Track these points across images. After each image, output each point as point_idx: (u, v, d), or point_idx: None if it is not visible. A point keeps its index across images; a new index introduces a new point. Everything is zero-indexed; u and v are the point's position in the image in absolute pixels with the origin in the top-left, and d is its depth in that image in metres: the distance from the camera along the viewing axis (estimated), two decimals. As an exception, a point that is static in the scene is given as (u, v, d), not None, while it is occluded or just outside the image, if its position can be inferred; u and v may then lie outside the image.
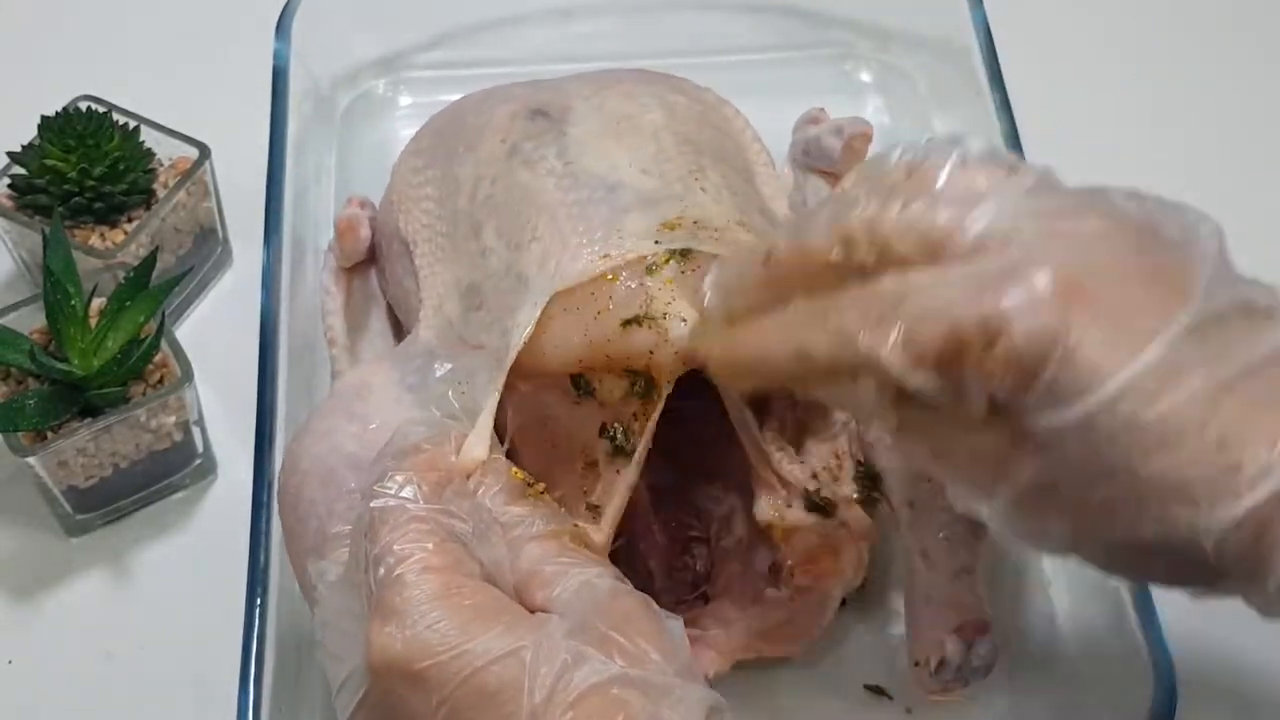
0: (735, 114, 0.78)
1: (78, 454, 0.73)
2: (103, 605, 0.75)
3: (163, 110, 0.83)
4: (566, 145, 0.70)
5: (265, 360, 0.72)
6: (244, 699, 0.62)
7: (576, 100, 0.73)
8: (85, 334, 0.72)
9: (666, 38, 0.91)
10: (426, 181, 0.74)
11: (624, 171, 0.68)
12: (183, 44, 0.98)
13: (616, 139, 0.70)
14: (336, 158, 0.90)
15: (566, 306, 0.62)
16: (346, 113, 0.92)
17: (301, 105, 0.84)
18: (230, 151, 0.84)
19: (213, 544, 0.74)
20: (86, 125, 0.79)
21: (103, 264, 0.77)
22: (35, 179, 0.79)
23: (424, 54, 0.93)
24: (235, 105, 0.92)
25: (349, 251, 0.78)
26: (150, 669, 0.72)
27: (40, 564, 0.76)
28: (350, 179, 0.88)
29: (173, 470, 0.77)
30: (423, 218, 0.73)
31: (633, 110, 0.73)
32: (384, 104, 0.93)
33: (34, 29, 0.99)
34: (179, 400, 0.74)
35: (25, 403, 0.71)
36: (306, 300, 0.78)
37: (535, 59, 0.88)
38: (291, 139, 0.81)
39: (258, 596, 0.65)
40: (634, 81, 0.76)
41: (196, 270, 0.85)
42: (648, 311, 0.61)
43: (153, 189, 0.81)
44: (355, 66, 0.93)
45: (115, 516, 0.77)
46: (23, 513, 0.77)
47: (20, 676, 0.73)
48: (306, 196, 0.82)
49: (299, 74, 0.84)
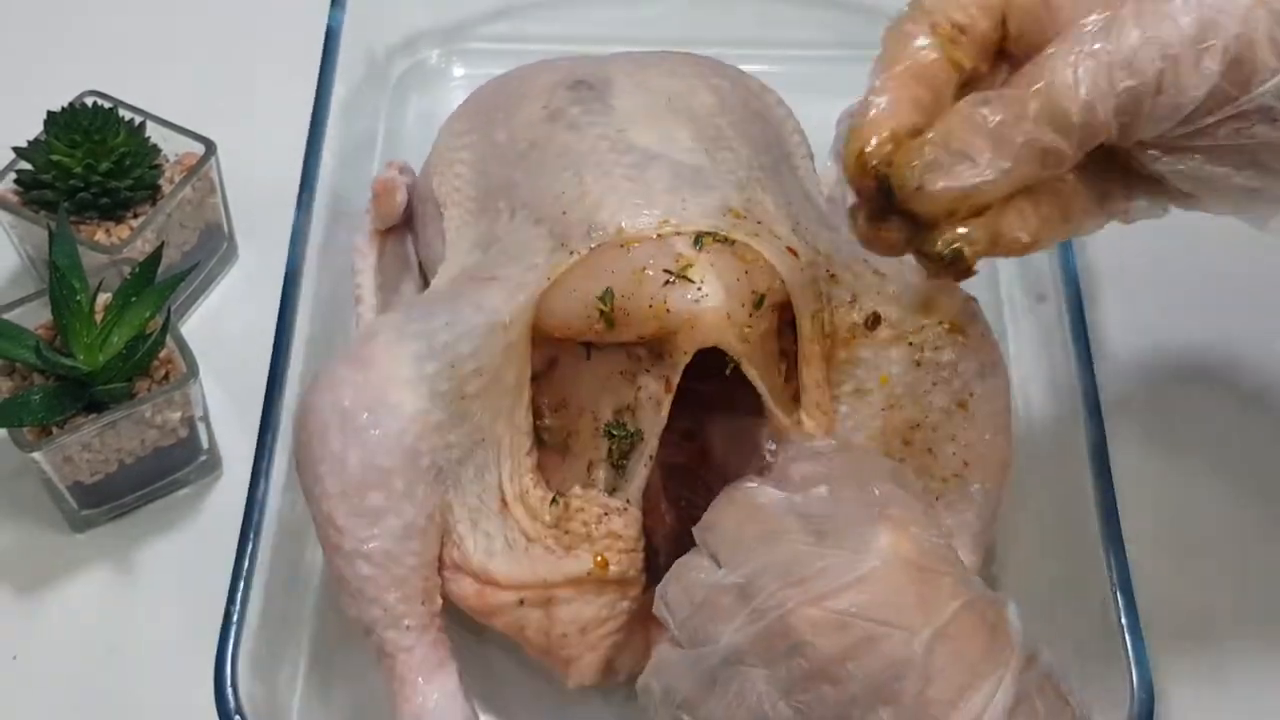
0: (778, 102, 0.79)
1: (83, 449, 0.73)
2: (107, 600, 0.75)
3: (169, 106, 0.83)
4: (615, 114, 0.71)
5: (284, 320, 0.72)
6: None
7: (619, 75, 0.74)
8: (90, 330, 0.72)
9: (728, 26, 0.92)
10: (463, 146, 0.75)
11: (683, 147, 0.69)
12: (189, 40, 0.98)
13: (671, 115, 0.71)
14: (385, 125, 0.90)
15: (602, 263, 0.63)
16: (399, 81, 0.93)
17: (352, 71, 0.85)
18: (236, 147, 0.84)
19: (217, 540, 0.74)
20: (93, 121, 0.79)
21: (108, 259, 0.77)
22: (41, 174, 0.79)
23: (483, 26, 0.94)
24: (242, 101, 0.93)
25: (384, 214, 0.79)
26: (154, 664, 0.73)
27: (45, 559, 0.76)
28: (398, 147, 0.89)
29: (177, 466, 0.77)
30: (454, 181, 0.74)
31: (680, 88, 0.74)
32: (437, 74, 0.94)
33: (41, 25, 0.99)
34: (184, 396, 0.74)
35: (31, 398, 0.71)
36: (336, 264, 0.78)
37: (593, 39, 0.88)
38: (339, 104, 0.81)
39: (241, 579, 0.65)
40: (677, 61, 0.78)
41: (202, 266, 0.85)
42: (685, 277, 0.62)
43: (158, 185, 0.81)
44: (413, 35, 0.93)
45: (120, 512, 0.77)
46: (28, 508, 0.77)
47: (24, 671, 0.73)
48: (350, 160, 0.83)
49: (352, 40, 0.85)
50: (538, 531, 0.64)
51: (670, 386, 0.63)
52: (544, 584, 0.63)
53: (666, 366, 0.63)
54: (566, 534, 0.64)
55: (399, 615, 0.63)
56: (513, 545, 0.64)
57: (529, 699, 0.69)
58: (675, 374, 0.63)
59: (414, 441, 0.63)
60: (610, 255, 0.64)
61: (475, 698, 0.66)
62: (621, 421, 0.64)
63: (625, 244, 0.64)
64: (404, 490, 0.63)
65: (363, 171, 0.84)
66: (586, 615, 0.63)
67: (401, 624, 0.63)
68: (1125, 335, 0.84)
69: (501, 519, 0.65)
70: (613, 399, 0.65)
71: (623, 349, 0.64)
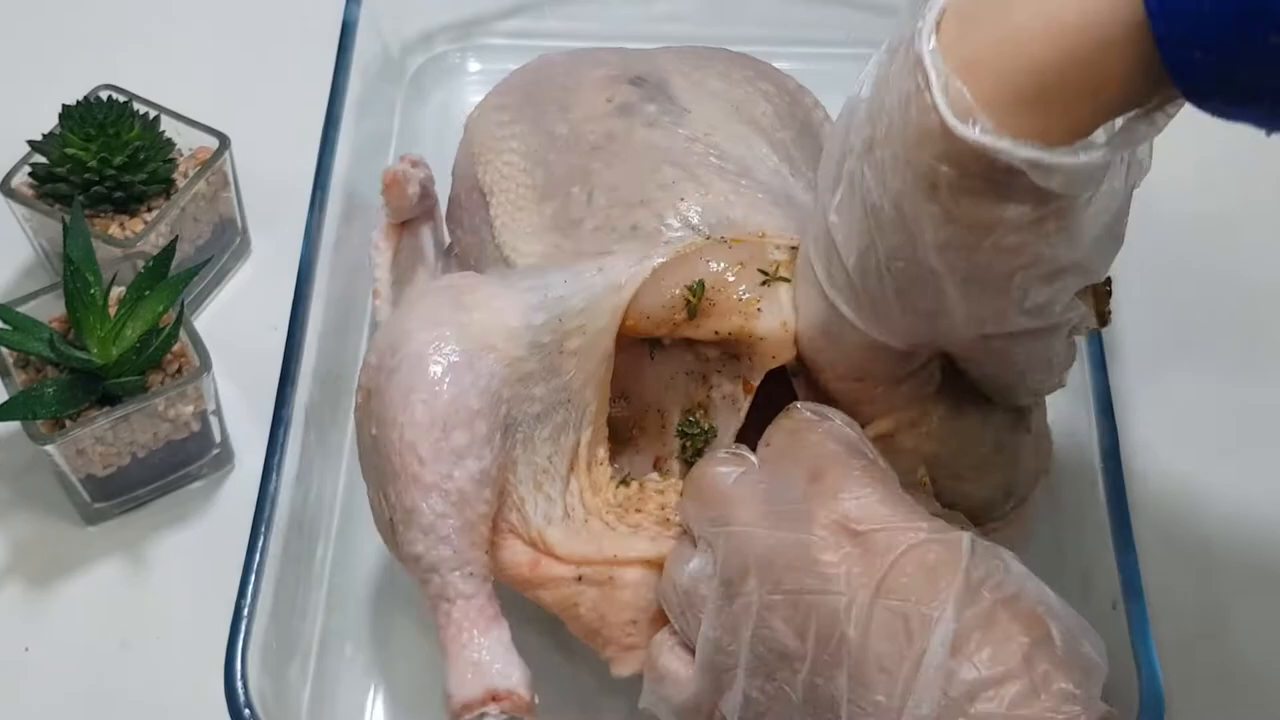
0: (815, 104, 0.79)
1: (96, 442, 0.73)
2: (119, 594, 0.75)
3: (183, 100, 0.83)
4: (691, 117, 0.72)
5: (297, 313, 0.72)
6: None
7: (674, 75, 0.75)
8: (104, 323, 0.72)
9: (746, 24, 0.92)
10: (512, 135, 0.74)
11: (769, 167, 0.71)
12: (204, 34, 0.98)
13: (744, 126, 0.72)
14: (400, 119, 0.91)
15: (702, 254, 0.63)
16: (415, 76, 0.93)
17: (368, 66, 0.85)
18: (250, 142, 0.84)
19: (229, 533, 0.74)
20: (107, 115, 0.79)
21: (122, 253, 0.77)
22: (56, 168, 0.79)
23: (500, 22, 0.95)
24: (256, 95, 0.93)
25: (396, 207, 0.79)
26: (166, 658, 0.73)
27: (57, 552, 0.76)
28: (413, 142, 0.89)
29: (190, 460, 0.77)
30: (504, 169, 0.74)
31: (739, 96, 0.75)
32: (453, 69, 0.94)
33: (56, 18, 0.99)
34: (197, 390, 0.74)
35: (44, 391, 0.71)
36: (350, 258, 0.78)
37: (612, 36, 0.88)
38: (354, 99, 0.81)
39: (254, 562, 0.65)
40: (725, 62, 0.78)
41: (215, 260, 0.85)
42: (781, 277, 0.62)
43: (172, 179, 0.81)
44: (429, 30, 0.94)
45: (132, 505, 0.77)
46: (41, 501, 0.77)
47: (37, 664, 0.73)
48: (365, 154, 0.83)
49: (368, 34, 0.85)
50: (596, 506, 0.64)
51: (750, 388, 0.63)
52: (612, 560, 0.63)
53: (744, 368, 0.63)
54: (638, 513, 0.64)
55: (467, 560, 0.62)
56: (571, 515, 0.64)
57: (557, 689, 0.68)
58: (757, 377, 0.62)
59: (500, 386, 0.63)
60: (712, 249, 0.64)
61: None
62: (694, 419, 0.64)
63: (730, 243, 0.64)
64: (486, 436, 0.62)
65: (378, 166, 0.84)
66: (646, 600, 0.63)
67: (466, 569, 0.62)
68: (1140, 336, 0.83)
69: (564, 485, 0.64)
70: (680, 398, 0.65)
71: (690, 350, 0.64)
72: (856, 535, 0.55)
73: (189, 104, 0.83)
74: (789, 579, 0.55)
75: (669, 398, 0.65)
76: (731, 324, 0.62)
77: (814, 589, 0.54)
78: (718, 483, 0.59)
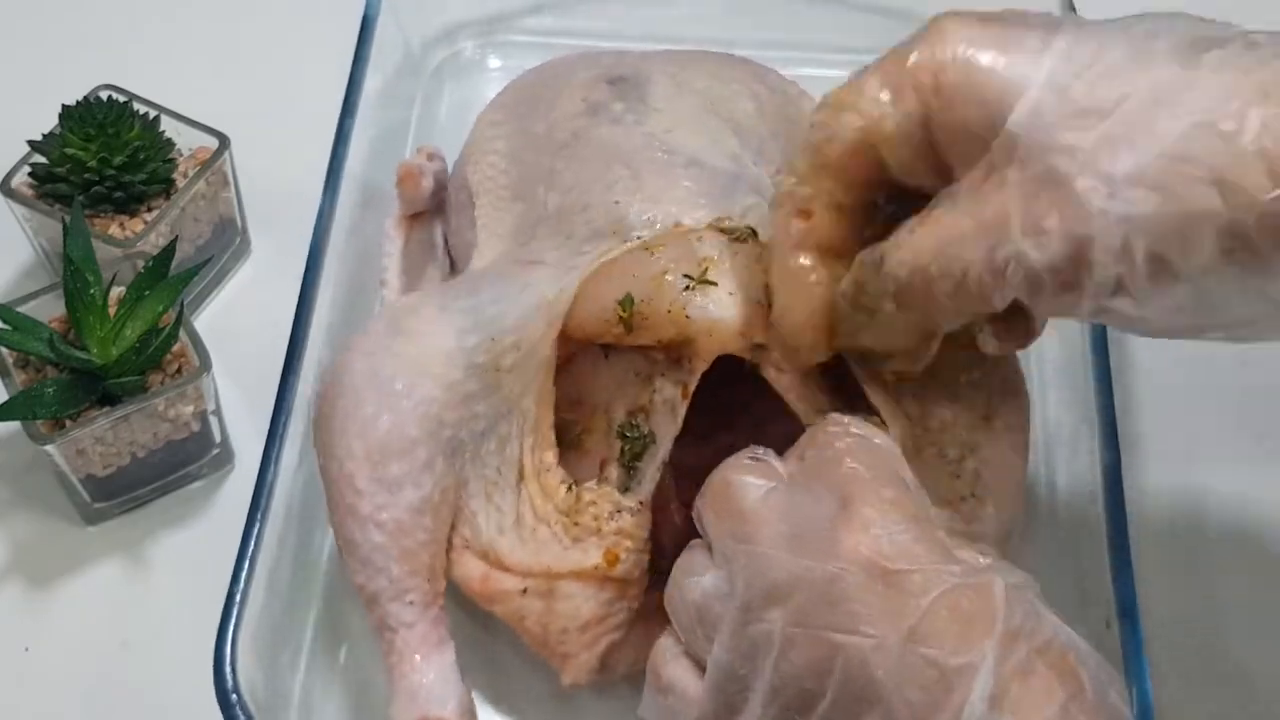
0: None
1: (96, 443, 0.73)
2: (119, 594, 0.75)
3: (183, 100, 0.83)
4: (658, 113, 0.72)
5: (303, 304, 0.72)
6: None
7: (658, 73, 0.75)
8: (104, 323, 0.72)
9: (767, 28, 0.91)
10: (499, 136, 0.75)
11: (727, 153, 0.70)
12: (203, 33, 0.98)
13: (715, 120, 0.72)
14: (419, 114, 0.90)
15: (625, 266, 0.63)
16: (435, 72, 0.93)
17: (386, 61, 0.85)
18: (250, 142, 0.84)
19: (229, 533, 0.74)
20: (107, 114, 0.79)
21: (122, 253, 0.77)
22: (56, 168, 0.79)
23: (522, 19, 0.95)
24: (256, 96, 0.93)
25: (409, 199, 0.79)
26: (165, 657, 0.73)
27: (57, 552, 0.76)
28: (431, 136, 0.89)
29: (190, 460, 0.77)
30: (488, 170, 0.74)
31: (722, 93, 0.74)
32: (472, 65, 0.94)
33: (56, 18, 0.99)
34: (197, 390, 0.74)
35: (44, 391, 0.71)
36: (359, 251, 0.78)
37: (629, 36, 0.88)
38: (372, 93, 0.81)
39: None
40: (716, 63, 0.78)
41: (215, 260, 0.85)
42: (707, 280, 0.62)
43: (172, 179, 0.81)
44: (450, 26, 0.94)
45: (132, 505, 0.77)
46: (41, 501, 0.77)
47: (37, 664, 0.73)
48: (382, 148, 0.83)
49: (389, 28, 0.85)
50: (547, 512, 0.64)
51: (687, 393, 0.63)
52: (548, 572, 0.63)
53: (684, 372, 0.63)
54: (576, 525, 0.63)
55: (404, 589, 0.63)
56: (522, 522, 0.64)
57: (532, 692, 0.69)
58: (693, 381, 0.62)
59: (439, 411, 0.63)
60: (634, 259, 0.64)
61: (479, 689, 0.66)
62: (635, 423, 0.64)
63: (650, 248, 0.63)
64: (425, 462, 0.63)
65: (394, 159, 0.84)
66: (585, 612, 0.63)
67: (405, 598, 0.63)
68: (1146, 352, 0.82)
69: (516, 494, 0.65)
70: (627, 400, 0.65)
71: (640, 351, 0.64)
72: (888, 574, 0.52)
73: (189, 104, 0.83)
74: (815, 614, 0.52)
75: (618, 400, 0.65)
76: (667, 333, 0.62)
77: (842, 627, 0.52)
78: (742, 495, 0.57)
